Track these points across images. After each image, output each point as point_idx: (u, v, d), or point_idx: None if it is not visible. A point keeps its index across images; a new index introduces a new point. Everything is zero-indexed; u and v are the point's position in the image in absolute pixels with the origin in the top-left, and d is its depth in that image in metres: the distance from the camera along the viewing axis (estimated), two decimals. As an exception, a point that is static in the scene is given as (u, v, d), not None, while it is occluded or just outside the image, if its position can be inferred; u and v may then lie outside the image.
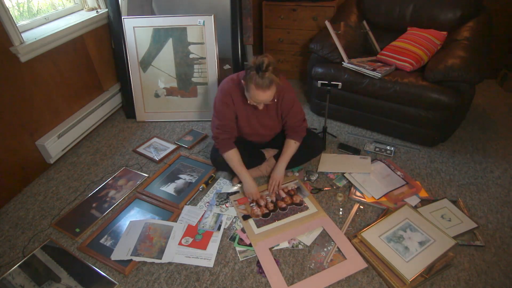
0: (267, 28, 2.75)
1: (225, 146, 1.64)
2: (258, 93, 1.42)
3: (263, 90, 1.40)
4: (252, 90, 1.43)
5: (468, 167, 1.92)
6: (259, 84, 1.38)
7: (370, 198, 1.70)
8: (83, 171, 1.99)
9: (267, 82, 1.38)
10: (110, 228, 1.60)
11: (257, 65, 1.38)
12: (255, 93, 1.42)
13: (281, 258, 1.44)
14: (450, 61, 1.83)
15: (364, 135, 2.23)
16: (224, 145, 1.64)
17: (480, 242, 1.46)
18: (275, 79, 1.40)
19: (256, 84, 1.39)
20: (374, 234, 1.47)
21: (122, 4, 2.27)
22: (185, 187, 1.83)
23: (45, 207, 1.75)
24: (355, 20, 2.41)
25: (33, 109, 1.87)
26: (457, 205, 1.64)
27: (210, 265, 1.42)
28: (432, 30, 2.15)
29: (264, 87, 1.39)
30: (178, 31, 2.25)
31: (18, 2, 1.95)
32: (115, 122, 2.47)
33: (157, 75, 2.35)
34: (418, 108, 1.92)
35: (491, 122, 2.32)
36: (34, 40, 1.77)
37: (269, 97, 1.45)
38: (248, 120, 1.67)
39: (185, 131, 2.34)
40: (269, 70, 1.37)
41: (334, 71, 2.10)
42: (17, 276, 1.39)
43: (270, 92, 1.42)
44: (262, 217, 1.61)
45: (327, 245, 1.49)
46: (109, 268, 1.43)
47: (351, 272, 1.36)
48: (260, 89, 1.40)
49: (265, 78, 1.37)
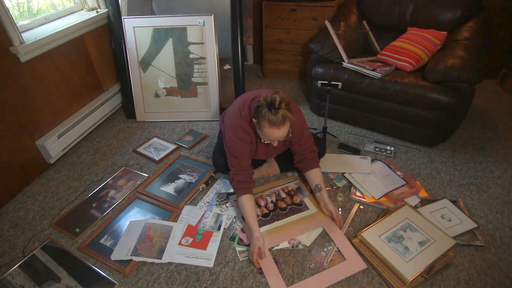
0: (267, 28, 2.75)
1: (241, 189, 1.52)
2: (272, 131, 1.36)
3: (277, 128, 1.34)
4: (265, 129, 1.37)
5: (468, 167, 1.92)
6: (273, 121, 1.33)
7: (370, 198, 1.70)
8: (83, 171, 1.99)
9: (280, 119, 1.32)
10: (110, 228, 1.60)
11: (269, 103, 1.33)
12: (269, 131, 1.36)
13: (281, 258, 1.44)
14: (450, 61, 1.83)
15: (364, 135, 2.23)
16: (240, 187, 1.53)
17: (480, 242, 1.46)
18: (289, 115, 1.34)
19: (270, 122, 1.33)
20: (374, 234, 1.47)
21: (122, 4, 2.27)
22: (185, 187, 1.83)
23: (45, 207, 1.75)
24: (355, 20, 2.41)
25: (33, 109, 1.87)
26: (457, 205, 1.64)
27: (210, 265, 1.42)
28: (432, 30, 2.16)
29: (278, 124, 1.33)
30: (178, 31, 2.25)
31: (18, 2, 1.95)
32: (115, 122, 2.47)
33: (157, 75, 2.35)
34: (418, 108, 1.92)
35: (491, 122, 2.32)
36: (34, 40, 1.77)
37: (284, 133, 1.39)
38: (255, 152, 1.64)
39: (185, 131, 2.34)
40: (282, 108, 1.32)
41: (334, 71, 2.10)
42: (17, 276, 1.39)
43: (284, 128, 1.36)
44: (262, 217, 1.61)
45: (327, 245, 1.49)
46: (109, 268, 1.43)
47: (350, 273, 1.36)
48: (274, 127, 1.34)
49: (279, 116, 1.31)
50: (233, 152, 1.53)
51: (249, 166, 1.57)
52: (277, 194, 1.74)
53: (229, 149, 1.54)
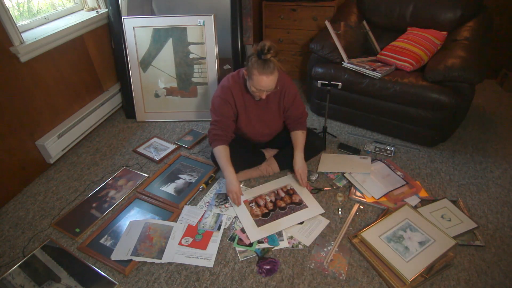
0: (267, 28, 2.75)
1: (216, 141, 1.61)
2: (261, 78, 1.41)
3: (266, 75, 1.40)
4: (254, 76, 1.42)
5: (468, 167, 1.92)
6: (263, 69, 1.39)
7: (370, 198, 1.70)
8: (83, 171, 1.99)
9: (270, 66, 1.39)
10: (110, 228, 1.60)
11: (258, 50, 1.39)
12: (258, 78, 1.42)
13: (281, 258, 1.44)
14: (450, 61, 1.83)
15: (364, 135, 2.23)
16: (215, 139, 1.62)
17: (480, 242, 1.46)
18: (277, 63, 1.41)
19: (259, 69, 1.39)
20: (374, 234, 1.47)
21: (122, 4, 2.27)
22: (185, 187, 1.83)
23: (45, 207, 1.75)
24: (355, 20, 2.41)
25: (33, 109, 1.87)
26: (457, 205, 1.64)
27: (210, 265, 1.42)
28: (432, 30, 2.15)
29: (267, 71, 1.39)
30: (178, 31, 2.25)
31: (18, 2, 1.95)
32: (115, 122, 2.47)
33: (157, 75, 2.35)
34: (418, 108, 1.92)
35: (491, 122, 2.32)
36: (34, 40, 1.77)
37: (272, 82, 1.44)
38: (249, 118, 1.67)
39: (185, 131, 2.34)
40: (271, 53, 1.38)
41: (334, 71, 2.10)
42: (17, 276, 1.39)
43: (273, 77, 1.42)
44: (262, 217, 1.61)
45: (327, 245, 1.49)
46: (109, 268, 1.43)
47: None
48: (263, 74, 1.40)
49: (268, 62, 1.38)
50: (214, 110, 1.62)
51: (228, 126, 1.63)
52: (276, 193, 1.74)
53: (211, 107, 1.64)
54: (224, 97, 1.59)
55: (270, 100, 1.65)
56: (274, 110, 1.67)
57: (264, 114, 1.67)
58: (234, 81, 1.59)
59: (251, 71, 1.43)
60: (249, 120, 1.67)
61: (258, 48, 1.40)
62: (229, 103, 1.59)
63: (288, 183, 1.81)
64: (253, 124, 1.68)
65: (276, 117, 1.70)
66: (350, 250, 1.46)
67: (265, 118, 1.69)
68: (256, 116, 1.67)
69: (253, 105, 1.63)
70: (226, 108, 1.60)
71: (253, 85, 1.47)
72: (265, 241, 1.51)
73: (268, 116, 1.68)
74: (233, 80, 1.60)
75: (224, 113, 1.61)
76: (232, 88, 1.58)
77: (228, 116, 1.62)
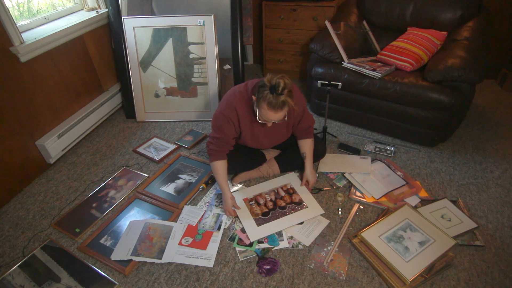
0: (267, 28, 2.75)
1: (214, 156, 1.60)
2: (270, 113, 1.38)
3: (275, 111, 1.36)
4: (263, 110, 1.38)
5: (468, 167, 1.92)
6: (272, 104, 1.34)
7: (370, 198, 1.70)
8: (83, 171, 1.99)
9: (280, 104, 1.34)
10: (110, 228, 1.60)
11: (272, 86, 1.32)
12: (266, 112, 1.38)
13: (281, 258, 1.44)
14: (450, 61, 1.83)
15: (364, 135, 2.23)
16: (213, 154, 1.60)
17: (480, 242, 1.46)
18: (290, 102, 1.35)
19: (269, 104, 1.34)
20: (374, 234, 1.47)
21: (122, 4, 2.27)
22: (185, 187, 1.83)
23: (45, 207, 1.75)
24: (355, 20, 2.41)
25: (33, 109, 1.87)
26: (457, 205, 1.64)
27: (210, 265, 1.42)
28: (432, 30, 2.15)
29: (277, 108, 1.35)
30: (178, 31, 2.25)
31: (18, 2, 1.95)
32: (115, 122, 2.47)
33: (157, 75, 2.35)
34: (418, 108, 1.92)
35: (491, 122, 2.32)
36: (34, 40, 1.77)
37: (281, 117, 1.41)
38: (253, 134, 1.63)
39: (185, 131, 2.34)
40: (284, 94, 1.32)
41: (334, 71, 2.10)
42: (17, 276, 1.39)
43: (282, 113, 1.39)
44: (262, 216, 1.61)
45: (327, 245, 1.49)
46: (109, 268, 1.43)
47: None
48: (272, 110, 1.36)
49: (279, 100, 1.33)
50: (215, 127, 1.59)
51: (228, 143, 1.61)
52: (276, 192, 1.74)
53: (213, 122, 1.61)
54: (227, 115, 1.53)
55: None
56: (282, 126, 1.64)
57: (271, 130, 1.63)
58: (241, 97, 1.53)
59: (261, 104, 1.37)
60: (254, 136, 1.64)
61: (273, 82, 1.32)
62: (233, 122, 1.55)
63: (288, 182, 1.81)
64: (258, 138, 1.66)
65: (284, 132, 1.68)
66: (350, 250, 1.46)
67: (272, 133, 1.66)
68: (263, 132, 1.64)
69: (259, 124, 1.58)
70: (228, 127, 1.55)
71: (260, 115, 1.43)
72: (265, 241, 1.51)
73: (275, 132, 1.65)
74: (240, 96, 1.53)
75: (225, 132, 1.56)
76: (237, 106, 1.52)
77: (228, 135, 1.57)
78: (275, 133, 1.66)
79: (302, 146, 1.74)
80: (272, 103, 1.33)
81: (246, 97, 1.52)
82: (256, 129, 1.61)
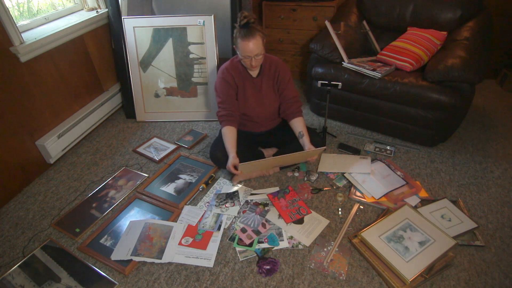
0: (267, 28, 2.75)
1: (224, 121, 1.73)
2: (244, 44, 1.51)
3: (248, 40, 1.50)
4: (239, 44, 1.53)
5: (468, 167, 1.92)
6: (243, 35, 1.50)
7: (370, 198, 1.70)
8: (83, 171, 1.99)
9: (250, 32, 1.49)
10: (110, 228, 1.60)
11: (238, 21, 1.50)
12: (241, 45, 1.52)
13: (281, 258, 1.44)
14: (450, 61, 1.83)
15: (364, 135, 2.23)
16: (223, 120, 1.73)
17: (480, 242, 1.46)
18: (258, 28, 1.50)
19: (241, 36, 1.50)
20: (374, 234, 1.47)
21: (122, 4, 2.27)
22: (185, 187, 1.83)
23: (45, 207, 1.75)
24: (355, 20, 2.41)
25: (33, 109, 1.87)
26: (457, 205, 1.64)
27: (210, 265, 1.42)
28: (432, 30, 2.15)
29: (248, 36, 1.49)
30: (178, 31, 2.25)
31: (18, 2, 1.95)
32: (115, 122, 2.47)
33: (157, 75, 2.35)
34: (418, 108, 1.92)
35: (491, 122, 2.32)
36: (34, 40, 1.77)
37: (255, 46, 1.52)
38: (246, 97, 1.73)
39: (185, 131, 2.34)
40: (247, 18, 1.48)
41: (334, 71, 2.10)
42: (17, 276, 1.39)
43: (255, 40, 1.51)
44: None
45: (327, 245, 1.49)
46: (109, 268, 1.43)
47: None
48: (245, 40, 1.50)
49: (248, 28, 1.48)
50: (217, 92, 1.75)
51: (233, 105, 1.74)
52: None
53: (215, 91, 1.77)
54: (223, 77, 1.71)
55: (265, 81, 1.73)
56: (269, 91, 1.75)
57: (260, 94, 1.74)
58: (231, 62, 1.73)
59: (236, 41, 1.55)
60: (246, 99, 1.75)
61: (238, 20, 1.51)
62: (228, 82, 1.70)
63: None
64: (250, 103, 1.75)
65: (272, 97, 1.77)
66: (350, 250, 1.46)
67: (262, 97, 1.76)
68: (253, 96, 1.75)
69: (250, 84, 1.72)
70: (227, 87, 1.71)
71: (240, 53, 1.58)
72: (265, 241, 1.51)
73: (264, 96, 1.75)
74: (230, 62, 1.73)
75: (226, 93, 1.72)
76: (229, 68, 1.71)
77: (230, 95, 1.72)
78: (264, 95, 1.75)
79: (295, 126, 1.78)
80: (241, 33, 1.50)
81: (235, 60, 1.72)
82: (247, 91, 1.74)
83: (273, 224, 1.59)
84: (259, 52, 1.55)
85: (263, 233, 1.55)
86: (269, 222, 1.60)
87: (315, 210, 1.66)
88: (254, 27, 1.50)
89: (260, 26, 1.55)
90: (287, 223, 1.58)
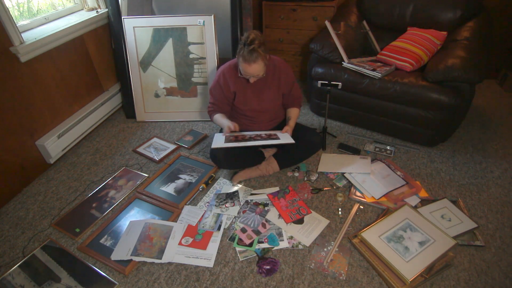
0: (267, 28, 2.75)
1: (213, 111, 1.81)
2: (245, 66, 1.53)
3: (249, 64, 1.51)
4: (240, 64, 1.56)
5: (468, 167, 1.92)
6: (245, 57, 1.50)
7: (370, 198, 1.70)
8: (83, 171, 1.99)
9: (253, 56, 1.49)
10: (110, 228, 1.60)
11: (244, 40, 1.50)
12: (242, 66, 1.55)
13: (281, 258, 1.44)
14: (450, 61, 1.83)
15: (364, 135, 2.23)
16: (213, 110, 1.82)
17: (480, 242, 1.46)
18: (261, 53, 1.50)
19: (243, 58, 1.51)
20: (374, 234, 1.47)
21: (122, 4, 2.27)
22: (185, 187, 1.83)
23: (45, 207, 1.75)
24: (355, 20, 2.41)
25: (33, 109, 1.87)
26: (457, 205, 1.64)
27: (210, 265, 1.42)
28: (432, 30, 2.15)
29: (250, 61, 1.50)
30: (178, 31, 2.25)
31: (18, 2, 1.95)
32: (115, 122, 2.47)
33: (157, 75, 2.35)
34: (418, 108, 1.92)
35: (491, 122, 2.32)
36: (34, 40, 1.77)
37: (255, 70, 1.54)
38: (246, 97, 1.74)
39: (185, 131, 2.34)
40: (255, 44, 1.47)
41: (334, 71, 2.10)
42: (17, 276, 1.39)
43: (256, 65, 1.52)
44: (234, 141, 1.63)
45: (327, 245, 1.49)
46: (109, 268, 1.43)
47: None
48: (246, 62, 1.52)
49: (251, 52, 1.48)
50: (211, 92, 1.81)
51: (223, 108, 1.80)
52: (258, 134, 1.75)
53: (209, 90, 1.82)
54: (218, 81, 1.74)
55: (267, 83, 1.73)
56: (270, 92, 1.75)
57: (261, 91, 1.74)
58: (229, 64, 1.73)
59: (238, 58, 1.56)
60: (246, 100, 1.75)
61: (244, 37, 1.51)
62: (221, 86, 1.73)
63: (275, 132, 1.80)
64: (250, 104, 1.75)
65: (272, 96, 1.77)
66: (350, 250, 1.46)
67: (262, 98, 1.76)
68: (253, 97, 1.75)
69: (250, 85, 1.72)
70: (220, 91, 1.75)
71: (240, 70, 1.61)
72: (265, 241, 1.51)
73: (265, 97, 1.75)
74: (229, 64, 1.73)
75: (218, 97, 1.77)
76: (225, 71, 1.72)
77: (219, 99, 1.78)
78: (265, 93, 1.74)
79: (288, 111, 1.85)
80: (245, 56, 1.50)
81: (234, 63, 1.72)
82: (248, 93, 1.74)
83: (273, 224, 1.59)
84: (259, 74, 1.59)
85: (263, 233, 1.55)
86: (269, 222, 1.61)
87: (315, 210, 1.66)
88: (257, 51, 1.49)
89: (264, 49, 1.52)
90: (287, 223, 1.58)
